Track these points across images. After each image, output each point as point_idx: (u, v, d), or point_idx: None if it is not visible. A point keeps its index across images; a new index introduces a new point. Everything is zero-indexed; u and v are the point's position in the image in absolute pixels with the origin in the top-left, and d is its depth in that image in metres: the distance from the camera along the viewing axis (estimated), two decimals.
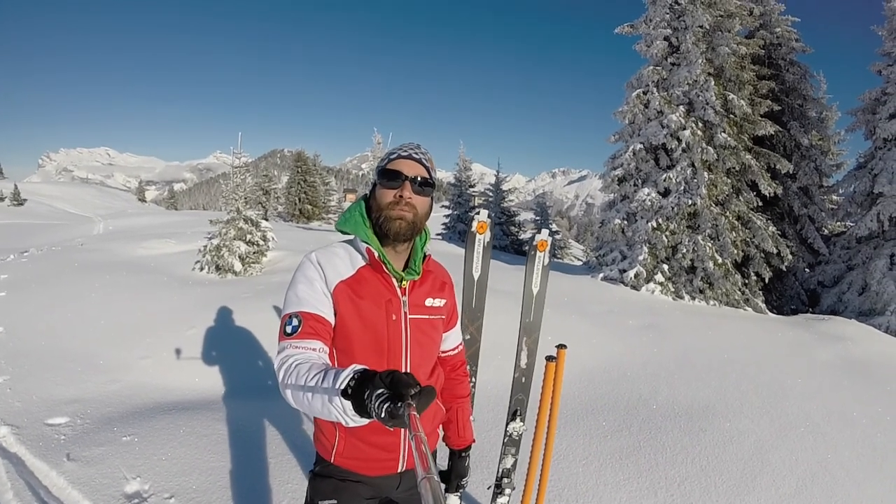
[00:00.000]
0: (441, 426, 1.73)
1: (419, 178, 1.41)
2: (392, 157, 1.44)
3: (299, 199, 30.40)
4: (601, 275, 12.05)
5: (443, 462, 1.85)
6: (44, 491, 2.87)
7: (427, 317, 1.50)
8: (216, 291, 7.25)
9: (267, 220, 10.72)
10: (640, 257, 11.26)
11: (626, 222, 12.27)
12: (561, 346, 2.11)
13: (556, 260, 25.79)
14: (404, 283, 1.45)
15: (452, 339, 1.69)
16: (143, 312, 6.20)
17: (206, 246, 9.48)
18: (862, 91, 12.39)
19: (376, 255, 1.41)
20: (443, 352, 1.68)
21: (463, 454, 1.77)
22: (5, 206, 34.35)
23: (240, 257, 9.33)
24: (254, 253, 9.67)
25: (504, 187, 25.06)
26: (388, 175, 1.41)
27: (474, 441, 1.80)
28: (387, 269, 1.42)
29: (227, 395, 4.51)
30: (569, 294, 8.97)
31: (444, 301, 1.56)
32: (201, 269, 9.33)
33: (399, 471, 1.50)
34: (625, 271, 11.60)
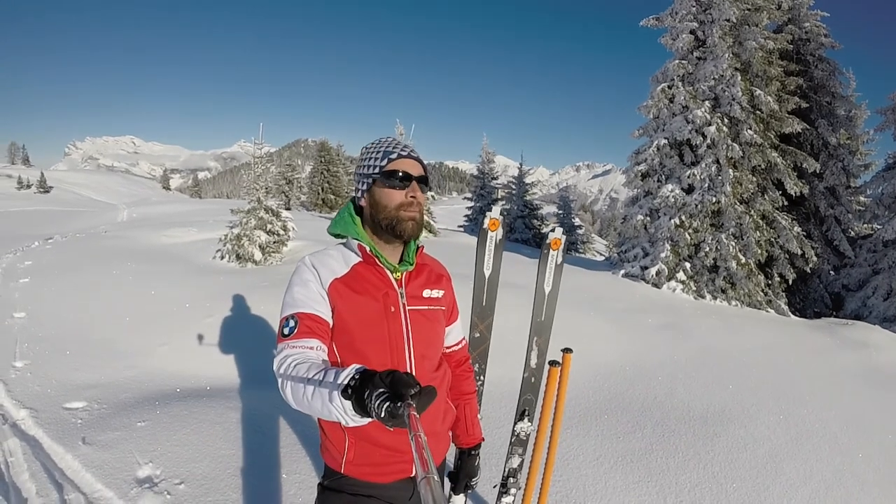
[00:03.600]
0: None
1: (421, 177, 1.45)
2: (392, 156, 1.43)
3: (322, 189, 30.64)
4: (622, 271, 11.93)
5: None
6: (59, 473, 2.94)
7: (426, 307, 1.50)
8: (235, 280, 7.35)
9: (289, 209, 10.85)
10: (662, 255, 11.11)
11: (648, 218, 12.10)
12: (567, 350, 2.07)
13: (578, 254, 25.56)
14: (397, 274, 1.46)
15: (455, 335, 1.69)
16: (162, 300, 6.32)
17: (226, 235, 9.60)
18: (891, 90, 11.98)
19: (368, 249, 1.42)
20: (447, 347, 1.67)
21: (472, 453, 1.74)
22: (32, 194, 35.27)
23: (260, 247, 9.44)
24: (274, 243, 9.78)
25: (527, 180, 24.91)
26: (395, 176, 1.41)
27: (483, 439, 1.78)
28: (380, 262, 1.43)
29: (241, 383, 4.57)
30: (588, 290, 8.90)
31: (442, 292, 1.56)
32: (222, 257, 9.47)
33: (412, 475, 1.47)
34: (646, 268, 11.46)
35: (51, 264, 7.85)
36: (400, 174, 1.41)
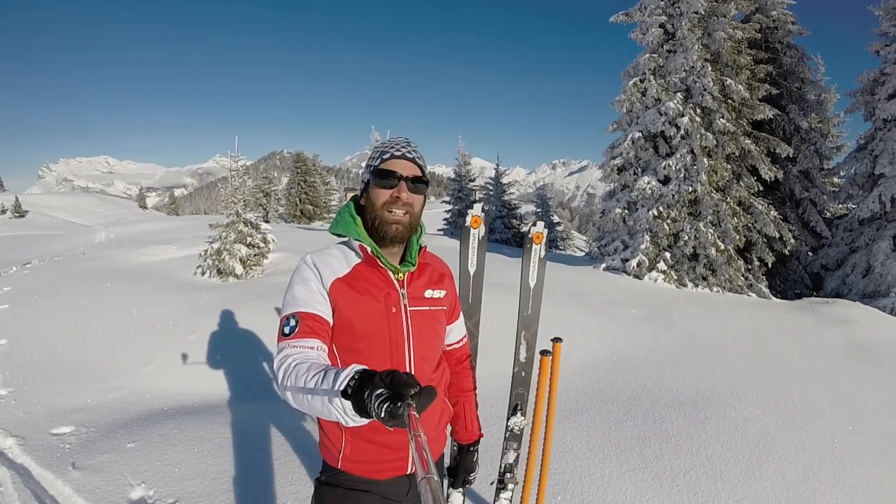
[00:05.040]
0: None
1: (415, 178, 1.42)
2: (385, 156, 1.43)
3: (300, 200, 30.42)
4: (603, 265, 12.01)
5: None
6: (50, 500, 2.87)
7: (428, 308, 1.50)
8: (218, 295, 7.26)
9: (268, 222, 10.72)
10: (642, 246, 11.22)
11: (626, 211, 12.21)
12: (556, 340, 2.09)
13: (558, 251, 25.73)
14: (400, 275, 1.45)
15: (456, 332, 1.69)
16: (145, 319, 6.22)
17: (206, 250, 9.48)
18: (860, 72, 12.27)
19: (369, 250, 1.42)
20: (447, 345, 1.68)
21: (471, 449, 1.76)
22: (7, 219, 34.46)
23: (241, 260, 9.33)
24: (254, 255, 9.67)
25: (504, 180, 25.05)
26: (382, 175, 1.41)
27: (482, 435, 1.79)
28: (381, 262, 1.42)
29: (230, 398, 4.52)
30: (571, 285, 8.95)
31: (443, 292, 1.56)
32: (203, 273, 9.34)
33: (409, 472, 1.48)
34: (627, 260, 11.55)
35: (30, 289, 7.68)
36: (389, 173, 1.40)
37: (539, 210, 27.11)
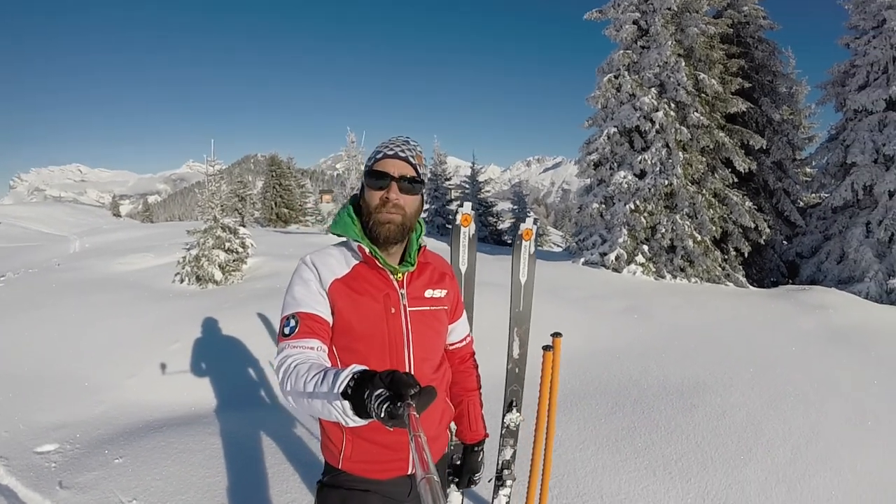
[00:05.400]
0: (453, 422, 1.72)
1: (406, 177, 1.39)
2: (378, 156, 1.42)
3: (275, 204, 30.06)
4: (582, 259, 12.15)
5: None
6: None
7: (428, 308, 1.48)
8: (198, 302, 7.13)
9: (244, 226, 10.54)
10: (620, 240, 11.38)
11: (603, 206, 12.37)
12: (556, 335, 2.10)
13: (536, 248, 25.85)
14: (399, 275, 1.44)
15: (459, 331, 1.68)
16: (125, 330, 6.07)
17: (184, 257, 9.30)
18: (829, 65, 12.64)
19: (367, 251, 1.40)
20: (450, 344, 1.67)
21: (476, 449, 1.75)
22: None
23: (219, 266, 9.17)
24: (233, 261, 9.52)
25: (480, 178, 25.28)
26: (374, 176, 1.40)
27: (487, 435, 1.78)
28: (379, 263, 1.41)
29: (217, 407, 4.45)
30: (551, 281, 9.01)
31: (444, 292, 1.54)
32: (181, 280, 9.16)
33: (409, 472, 1.48)
34: (605, 254, 11.70)
35: (4, 303, 7.44)
36: (380, 174, 1.39)
37: (515, 207, 27.29)
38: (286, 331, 1.32)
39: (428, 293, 1.49)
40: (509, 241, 25.69)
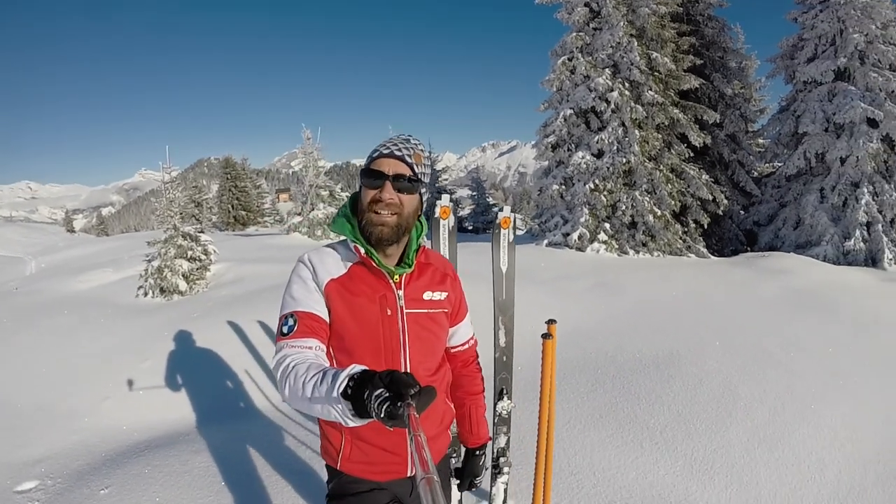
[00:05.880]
0: (455, 426, 1.70)
1: (403, 176, 1.34)
2: (374, 155, 1.39)
3: (232, 207, 29.33)
4: (545, 241, 12.27)
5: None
6: None
7: (426, 311, 1.46)
8: (165, 315, 6.90)
9: (202, 232, 10.24)
10: (582, 219, 11.57)
11: (563, 187, 12.53)
12: (551, 322, 2.11)
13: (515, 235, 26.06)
14: (396, 277, 1.41)
15: (462, 334, 1.64)
16: (93, 350, 5.81)
17: (146, 269, 9.00)
18: (777, 39, 13.09)
19: (363, 251, 1.37)
20: (452, 347, 1.64)
21: (477, 452, 1.73)
22: None
23: (183, 276, 8.91)
24: (197, 269, 9.26)
25: (437, 167, 25.30)
26: (368, 175, 1.36)
27: (490, 439, 1.77)
28: (375, 264, 1.38)
29: (198, 423, 4.33)
30: (517, 264, 9.04)
31: (445, 294, 1.51)
32: (145, 294, 8.86)
33: (409, 474, 1.47)
34: (568, 234, 11.86)
35: None
36: (374, 172, 1.35)
37: (474, 193, 27.38)
38: (284, 330, 1.31)
39: (427, 295, 1.47)
40: (470, 228, 25.84)
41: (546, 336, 2.07)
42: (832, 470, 3.14)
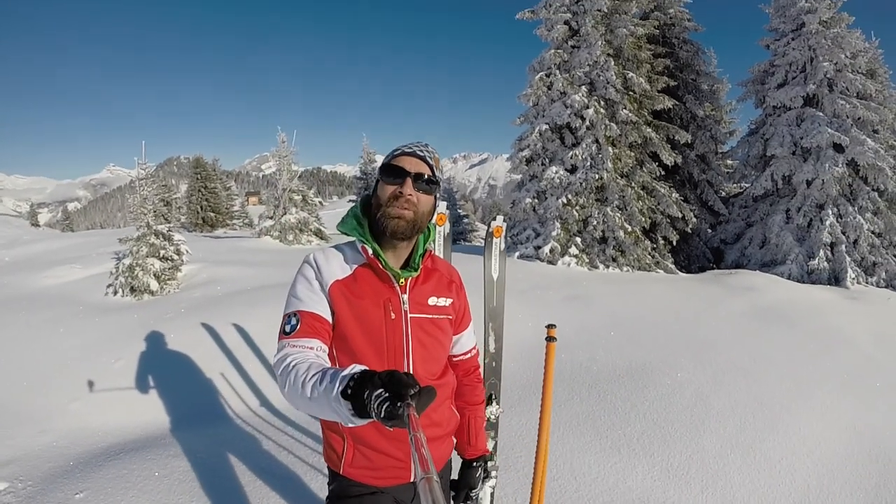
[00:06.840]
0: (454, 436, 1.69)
1: (423, 175, 1.36)
2: (395, 153, 1.40)
3: (201, 208, 28.49)
4: (517, 253, 12.40)
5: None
6: None
7: (430, 316, 1.45)
8: (137, 315, 6.72)
9: (174, 232, 10.02)
10: (554, 233, 11.79)
11: (536, 201, 12.75)
12: (550, 326, 2.17)
13: (466, 243, 26.30)
14: (401, 280, 1.40)
15: (464, 342, 1.63)
16: (61, 350, 5.61)
17: (117, 267, 8.75)
18: (749, 64, 13.68)
19: (370, 252, 1.37)
20: (454, 356, 1.63)
21: (475, 464, 1.69)
22: None
23: (155, 275, 8.69)
24: (169, 269, 9.05)
25: None
26: (389, 171, 1.37)
27: (488, 451, 1.74)
28: (382, 265, 1.38)
29: (174, 426, 4.22)
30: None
31: (450, 300, 1.51)
32: (115, 292, 8.61)
33: (412, 480, 1.45)
34: (540, 248, 12.04)
35: None
36: (395, 169, 1.36)
37: (445, 202, 27.45)
38: (287, 329, 1.31)
39: (432, 301, 1.46)
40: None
41: (550, 339, 2.12)
42: (801, 475, 3.31)
